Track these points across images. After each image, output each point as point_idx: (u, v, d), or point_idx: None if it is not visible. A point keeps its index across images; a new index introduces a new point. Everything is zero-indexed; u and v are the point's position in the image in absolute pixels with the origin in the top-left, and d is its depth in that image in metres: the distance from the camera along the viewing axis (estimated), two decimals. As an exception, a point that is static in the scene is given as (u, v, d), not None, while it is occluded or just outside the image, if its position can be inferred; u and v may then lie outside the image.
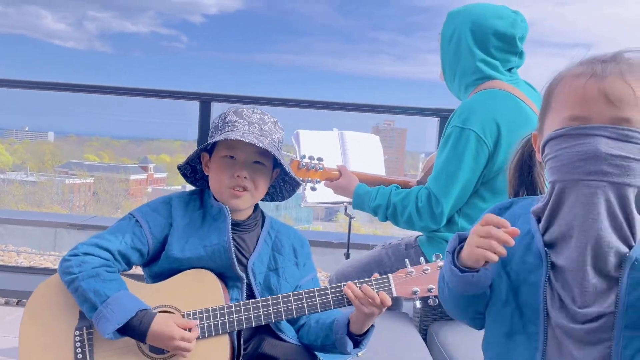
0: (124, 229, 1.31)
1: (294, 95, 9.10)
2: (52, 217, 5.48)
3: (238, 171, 1.30)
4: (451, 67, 1.83)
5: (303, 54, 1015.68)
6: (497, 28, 1.72)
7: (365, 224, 27.82)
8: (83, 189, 49.27)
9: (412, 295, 1.24)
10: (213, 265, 1.30)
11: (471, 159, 1.63)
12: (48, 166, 57.51)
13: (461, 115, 1.66)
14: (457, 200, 1.67)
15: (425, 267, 1.26)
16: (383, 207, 1.75)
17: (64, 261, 1.26)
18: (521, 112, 1.69)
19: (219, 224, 1.32)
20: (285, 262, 1.37)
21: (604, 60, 0.86)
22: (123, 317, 1.18)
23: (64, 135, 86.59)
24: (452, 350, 1.57)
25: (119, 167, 55.87)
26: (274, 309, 1.25)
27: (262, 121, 1.33)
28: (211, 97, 2.97)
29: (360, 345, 1.27)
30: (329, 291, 1.25)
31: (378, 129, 66.06)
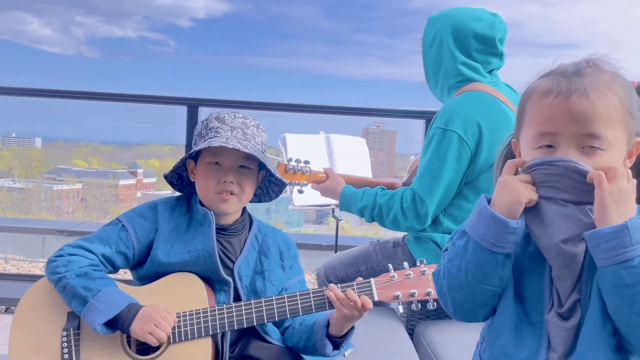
0: (109, 233, 1.33)
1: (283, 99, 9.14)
2: (40, 224, 5.44)
3: (224, 177, 1.32)
4: (434, 71, 1.86)
5: (291, 57, 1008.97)
6: (476, 30, 1.75)
7: (356, 227, 27.86)
8: (71, 195, 48.86)
9: (394, 299, 1.26)
10: (198, 269, 1.32)
11: (454, 159, 1.66)
12: (36, 172, 56.93)
13: (443, 117, 1.70)
14: (442, 201, 1.70)
15: (408, 272, 1.27)
16: (369, 207, 1.78)
17: (50, 262, 1.28)
18: (502, 114, 1.72)
19: (204, 229, 1.33)
20: (271, 265, 1.39)
21: (568, 74, 0.89)
22: (115, 309, 1.20)
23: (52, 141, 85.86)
24: (437, 349, 1.60)
25: (108, 172, 55.48)
26: (257, 312, 1.26)
27: (244, 125, 1.35)
28: (198, 102, 2.98)
29: (340, 348, 1.28)
30: (311, 295, 1.27)
31: (368, 131, 66.18)
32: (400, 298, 1.26)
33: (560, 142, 0.87)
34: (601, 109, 0.85)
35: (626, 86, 0.89)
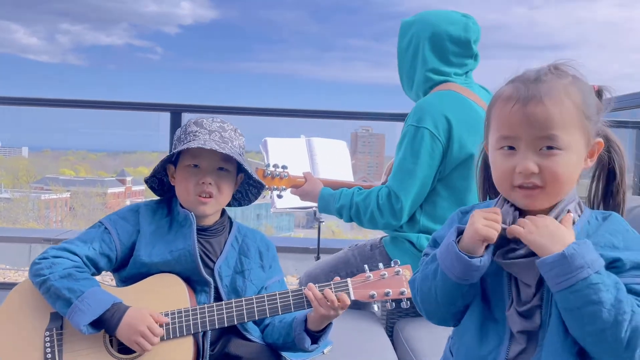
0: (93, 236, 1.36)
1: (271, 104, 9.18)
2: (26, 233, 5.41)
3: (202, 178, 1.36)
4: (408, 76, 1.91)
5: (279, 62, 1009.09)
6: (451, 33, 1.80)
7: (347, 231, 27.87)
8: (59, 204, 48.40)
9: (370, 298, 1.30)
10: (180, 269, 1.35)
11: (427, 155, 1.71)
12: (23, 182, 56.30)
13: (415, 115, 1.75)
14: (417, 196, 1.74)
15: (383, 272, 1.32)
16: (346, 207, 1.81)
17: (34, 264, 1.31)
18: (471, 110, 1.78)
19: (185, 230, 1.37)
20: (251, 265, 1.43)
21: (528, 81, 0.95)
22: (99, 309, 1.23)
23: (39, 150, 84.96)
24: (414, 344, 1.64)
25: (96, 180, 55.05)
26: (237, 311, 1.30)
27: (222, 129, 1.39)
28: (182, 108, 3.00)
29: (319, 342, 1.32)
30: (290, 294, 1.31)
31: (357, 135, 66.30)
32: (375, 297, 1.30)
33: (520, 145, 0.94)
34: (556, 114, 0.91)
35: (584, 90, 0.95)
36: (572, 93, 0.93)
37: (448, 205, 1.76)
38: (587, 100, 0.95)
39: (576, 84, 0.95)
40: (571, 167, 0.93)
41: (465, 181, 1.74)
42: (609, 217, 0.98)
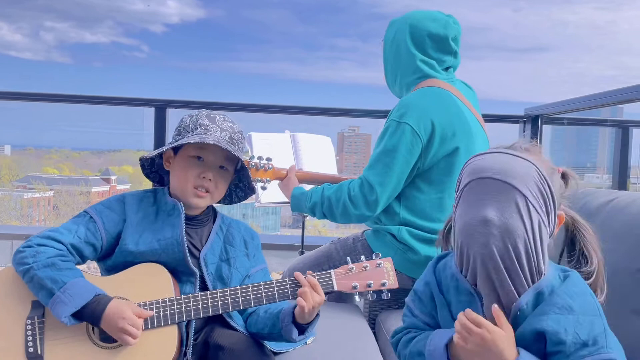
0: (78, 224, 1.35)
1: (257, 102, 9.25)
2: (7, 230, 5.34)
3: (205, 173, 1.37)
4: (393, 69, 1.94)
5: (264, 62, 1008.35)
6: (431, 30, 1.84)
7: (333, 229, 27.92)
8: (42, 203, 47.77)
9: (352, 289, 1.33)
10: (166, 258, 1.35)
11: (406, 150, 1.73)
12: (5, 181, 55.44)
13: (399, 110, 1.77)
14: (393, 190, 1.76)
15: (365, 264, 1.34)
16: (318, 204, 1.82)
17: (17, 253, 1.29)
18: (455, 108, 1.81)
19: (173, 219, 1.38)
20: (237, 253, 1.44)
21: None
22: (81, 300, 1.22)
23: (22, 148, 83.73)
24: (396, 335, 1.65)
25: (80, 179, 54.40)
26: (222, 301, 1.31)
27: (231, 129, 1.40)
28: (166, 103, 3.00)
29: (306, 333, 1.33)
30: (274, 285, 1.32)
31: (343, 135, 66.42)
32: (357, 288, 1.32)
33: None
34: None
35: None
36: (540, 163, 0.98)
37: (427, 198, 1.78)
38: (552, 176, 1.00)
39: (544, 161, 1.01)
40: None
41: (445, 176, 1.77)
42: (569, 276, 0.99)
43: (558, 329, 0.92)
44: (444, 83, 1.85)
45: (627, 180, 3.10)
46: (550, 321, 0.93)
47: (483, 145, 1.89)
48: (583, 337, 0.92)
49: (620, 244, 1.33)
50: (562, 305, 0.94)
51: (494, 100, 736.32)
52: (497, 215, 0.94)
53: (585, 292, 0.98)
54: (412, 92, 1.84)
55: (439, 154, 1.75)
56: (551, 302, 0.94)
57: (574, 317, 0.93)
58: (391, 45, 1.93)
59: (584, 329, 0.92)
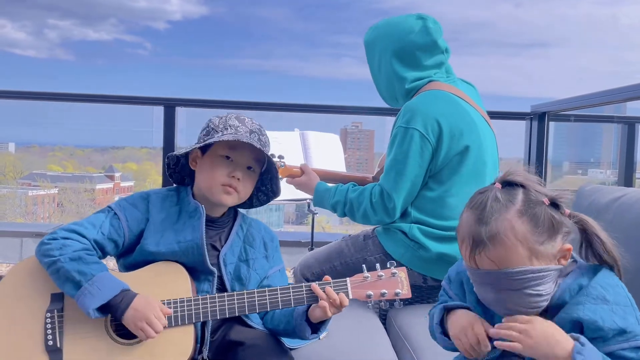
0: (101, 220, 1.37)
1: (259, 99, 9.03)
2: (17, 227, 5.39)
3: (234, 172, 1.38)
4: (389, 92, 1.97)
5: (267, 59, 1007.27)
6: (416, 42, 1.85)
7: (336, 225, 27.91)
8: (47, 200, 47.83)
9: (367, 298, 1.35)
10: (186, 260, 1.38)
11: (417, 155, 1.76)
12: (10, 178, 55.52)
13: (404, 116, 1.80)
14: (408, 195, 1.80)
15: (380, 274, 1.37)
16: (341, 203, 1.87)
17: (42, 244, 1.31)
18: (459, 108, 1.83)
19: (194, 222, 1.39)
20: (256, 254, 1.47)
21: (477, 222, 1.00)
22: (108, 294, 1.24)
23: (26, 145, 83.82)
24: (407, 330, 1.68)
25: (84, 176, 54.41)
26: (239, 304, 1.32)
27: (260, 132, 1.43)
28: (175, 102, 3.02)
29: (318, 332, 1.36)
30: (291, 291, 1.34)
31: (346, 131, 66.06)
32: (372, 297, 1.35)
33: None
34: (502, 256, 0.97)
35: (533, 217, 0.98)
36: (519, 229, 0.97)
37: (436, 197, 1.81)
38: (537, 228, 0.98)
39: (525, 213, 0.98)
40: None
41: (453, 174, 1.80)
42: (600, 270, 1.02)
43: (595, 317, 0.96)
44: (445, 85, 1.87)
45: (633, 176, 3.12)
46: (587, 310, 0.96)
47: (491, 142, 1.92)
48: (619, 325, 0.95)
49: (630, 240, 1.35)
50: (596, 296, 0.97)
51: (496, 96, 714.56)
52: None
53: (617, 284, 1.01)
54: (416, 97, 1.86)
55: (449, 153, 1.78)
56: (586, 293, 0.98)
57: (608, 307, 0.96)
58: (379, 71, 1.95)
59: (618, 317, 0.96)
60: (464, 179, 1.79)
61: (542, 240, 0.97)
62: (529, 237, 0.97)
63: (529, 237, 0.97)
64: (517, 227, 0.97)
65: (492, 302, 1.04)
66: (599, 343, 0.95)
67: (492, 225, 0.97)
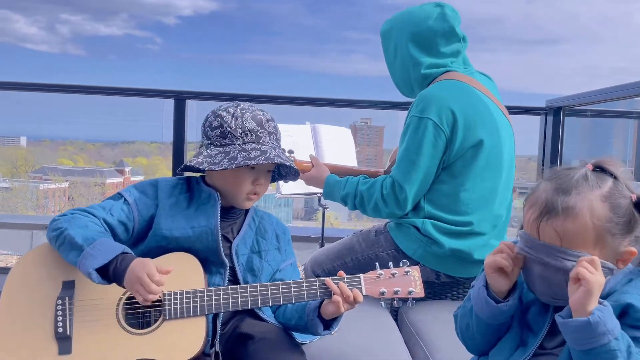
0: (111, 204, 1.37)
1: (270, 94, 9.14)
2: (27, 219, 5.42)
3: (257, 180, 1.39)
4: (404, 80, 1.92)
5: (276, 54, 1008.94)
6: (433, 28, 1.81)
7: (344, 222, 27.91)
8: (58, 194, 48.33)
9: (380, 295, 1.33)
10: (200, 246, 1.36)
11: (430, 146, 1.72)
12: (21, 172, 56.13)
13: (418, 105, 1.76)
14: (421, 186, 1.75)
15: (394, 271, 1.35)
16: (351, 195, 1.83)
17: (53, 221, 1.31)
18: (476, 99, 1.79)
19: (208, 208, 1.38)
20: (268, 246, 1.45)
21: (558, 191, 0.97)
22: (108, 255, 1.22)
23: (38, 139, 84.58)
24: (419, 327, 1.66)
25: (95, 170, 54.91)
26: (251, 297, 1.30)
27: (275, 129, 1.41)
28: (186, 95, 3.00)
29: (330, 328, 1.34)
30: (304, 285, 1.32)
31: (355, 127, 65.95)
32: (385, 294, 1.33)
33: None
34: (568, 233, 0.95)
35: (615, 206, 0.95)
36: (597, 211, 0.94)
37: (450, 192, 1.77)
38: (615, 217, 0.95)
39: (609, 199, 0.95)
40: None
41: (467, 167, 1.76)
42: None
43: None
44: (462, 75, 1.83)
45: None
46: (634, 299, 0.95)
47: (509, 136, 1.87)
48: None
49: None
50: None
51: (507, 92, 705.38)
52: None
53: None
54: (431, 86, 1.82)
55: (464, 145, 1.74)
56: (635, 285, 0.97)
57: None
58: (395, 56, 1.90)
59: None
60: (478, 173, 1.75)
61: (614, 233, 0.95)
62: (603, 223, 0.94)
63: (603, 222, 0.94)
64: (596, 209, 0.94)
65: (536, 281, 1.01)
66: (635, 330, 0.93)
67: (572, 197, 0.95)
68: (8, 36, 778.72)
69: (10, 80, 3.13)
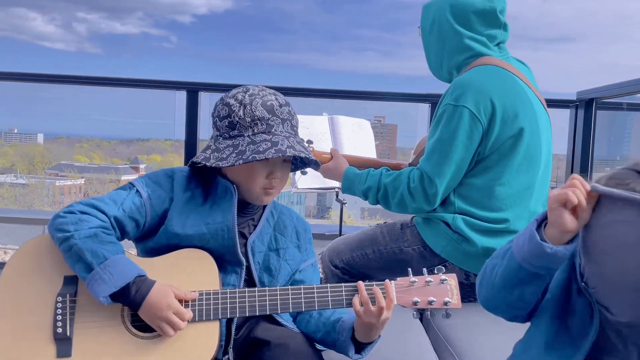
0: (123, 197, 1.23)
1: (285, 92, 8.94)
2: (39, 215, 5.38)
3: (273, 173, 1.25)
4: (437, 54, 1.78)
5: (289, 52, 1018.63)
6: (476, 6, 1.68)
7: (358, 219, 27.80)
8: (74, 191, 48.90)
9: (412, 305, 1.21)
10: (214, 244, 1.24)
11: (465, 136, 1.58)
12: (38, 168, 56.96)
13: (454, 92, 1.62)
14: (452, 180, 1.62)
15: (429, 279, 1.22)
16: (374, 189, 1.70)
17: (57, 217, 1.17)
18: (516, 87, 1.65)
19: (224, 203, 1.26)
20: (287, 243, 1.33)
21: None
22: (121, 281, 1.11)
23: (54, 137, 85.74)
24: (448, 332, 1.54)
25: (110, 167, 55.50)
26: (270, 302, 1.19)
27: (289, 114, 1.26)
28: (198, 86, 2.91)
29: (362, 352, 1.21)
30: (329, 290, 1.19)
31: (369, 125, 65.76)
32: (418, 304, 1.21)
33: None
34: None
35: None
36: None
37: (483, 186, 1.64)
38: None
39: None
40: None
41: (503, 160, 1.62)
42: None
43: None
44: (499, 61, 1.69)
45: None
46: None
47: (546, 127, 1.74)
48: None
49: None
50: None
51: None
52: None
53: None
54: (465, 72, 1.68)
55: (501, 137, 1.60)
56: None
57: None
58: (431, 29, 1.77)
59: None
60: (515, 166, 1.62)
61: None
62: None
63: None
64: None
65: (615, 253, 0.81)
66: None
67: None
68: (25, 34, 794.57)
69: (28, 72, 3.07)
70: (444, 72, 1.80)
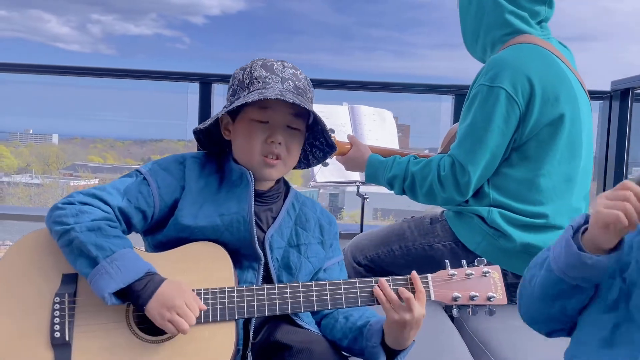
0: (128, 186, 1.11)
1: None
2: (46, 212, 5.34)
3: (272, 136, 1.12)
4: (474, 28, 1.66)
5: (301, 53, 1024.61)
6: None
7: (369, 219, 27.64)
8: (88, 191, 49.38)
9: (452, 301, 1.08)
10: (229, 237, 1.12)
11: (501, 120, 1.45)
12: (53, 168, 57.55)
13: (489, 72, 1.48)
14: (486, 169, 1.49)
15: (469, 271, 1.10)
16: (400, 178, 1.57)
17: (55, 209, 1.06)
18: (557, 68, 1.52)
19: (240, 191, 1.14)
20: (309, 239, 1.20)
21: None
22: (130, 276, 0.99)
23: (69, 137, 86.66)
24: (485, 335, 1.41)
25: (123, 167, 55.88)
26: (292, 299, 1.07)
27: (295, 77, 1.14)
28: (212, 78, 2.82)
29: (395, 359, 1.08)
30: (357, 285, 1.07)
31: (382, 126, 65.76)
32: (459, 300, 1.08)
33: None
34: None
35: None
36: None
37: (522, 176, 1.50)
38: None
39: None
40: None
41: (543, 148, 1.49)
42: None
43: None
44: (539, 40, 1.56)
45: None
46: None
47: (588, 115, 1.60)
48: None
49: None
50: None
51: None
52: None
53: None
54: (504, 50, 1.55)
55: (540, 122, 1.46)
56: None
57: None
58: (470, 3, 1.64)
59: None
60: (557, 155, 1.48)
61: None
62: None
63: None
64: None
65: None
66: None
67: None
68: (40, 36, 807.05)
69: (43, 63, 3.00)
70: (479, 48, 1.67)
